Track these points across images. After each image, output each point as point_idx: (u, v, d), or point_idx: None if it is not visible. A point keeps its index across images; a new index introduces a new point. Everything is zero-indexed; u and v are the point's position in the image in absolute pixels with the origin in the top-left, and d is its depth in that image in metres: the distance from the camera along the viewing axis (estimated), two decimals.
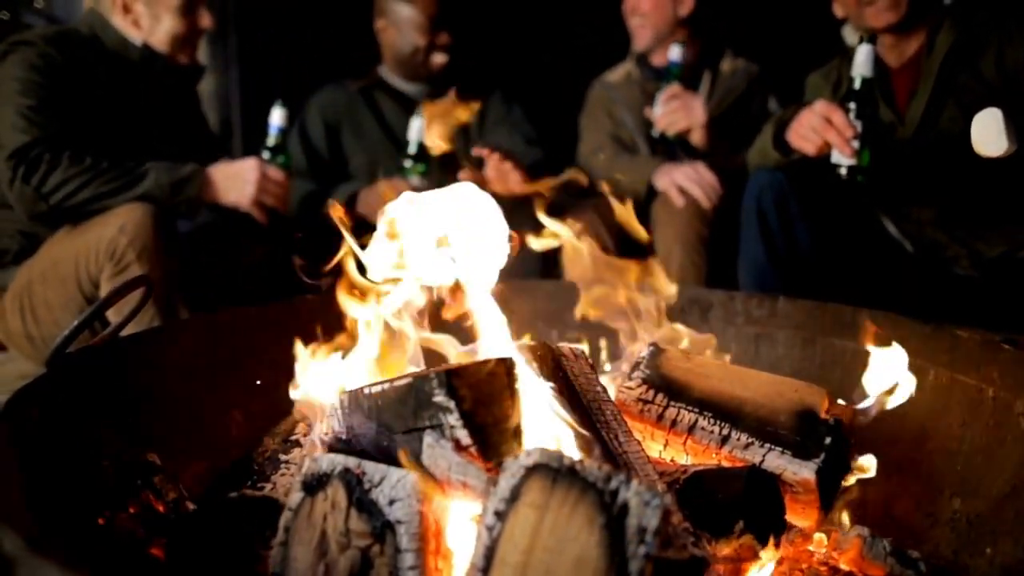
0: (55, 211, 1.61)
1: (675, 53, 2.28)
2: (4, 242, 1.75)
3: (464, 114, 1.16)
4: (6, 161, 1.57)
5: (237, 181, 1.76)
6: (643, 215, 2.24)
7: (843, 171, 1.61)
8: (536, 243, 1.12)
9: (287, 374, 1.12)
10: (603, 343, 1.42)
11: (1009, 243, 1.80)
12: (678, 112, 2.23)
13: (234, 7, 2.88)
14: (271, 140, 1.95)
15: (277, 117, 1.96)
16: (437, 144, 1.19)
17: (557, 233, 1.12)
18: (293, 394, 0.96)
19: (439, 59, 2.39)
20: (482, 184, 2.18)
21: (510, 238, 0.91)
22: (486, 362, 0.78)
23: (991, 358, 1.02)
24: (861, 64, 1.62)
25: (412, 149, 2.16)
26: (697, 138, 2.27)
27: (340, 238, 0.90)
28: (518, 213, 2.19)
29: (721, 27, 2.53)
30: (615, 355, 1.29)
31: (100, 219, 1.57)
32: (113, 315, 1.23)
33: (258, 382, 1.15)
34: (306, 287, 1.02)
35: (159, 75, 1.85)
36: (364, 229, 0.91)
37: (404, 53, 2.41)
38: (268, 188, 1.79)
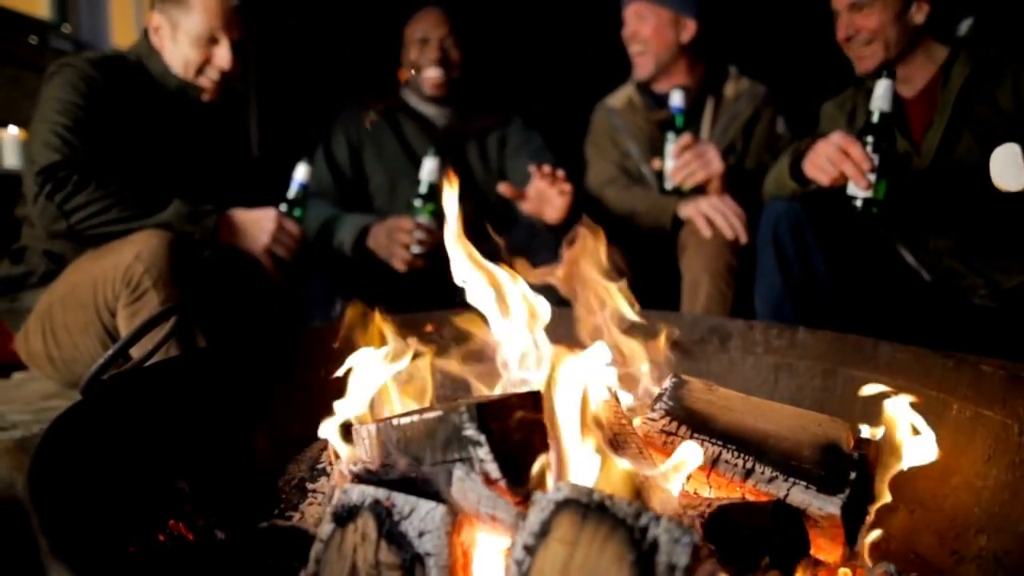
0: (73, 231, 1.64)
1: (677, 99, 2.15)
2: (32, 262, 1.78)
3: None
4: (34, 177, 1.62)
5: (254, 228, 1.82)
6: (670, 244, 2.24)
7: (858, 203, 1.63)
8: None
9: (312, 400, 1.13)
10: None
11: None
12: (693, 164, 2.12)
13: (255, 43, 2.93)
14: (291, 193, 1.98)
15: (301, 173, 1.99)
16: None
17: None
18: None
19: (429, 74, 2.43)
20: (518, 200, 2.19)
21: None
22: (516, 396, 0.79)
23: (1017, 393, 1.02)
24: (880, 98, 1.64)
25: (423, 189, 2.12)
26: (715, 188, 2.16)
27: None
28: (544, 237, 2.19)
29: (725, 49, 2.43)
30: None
31: (117, 245, 1.60)
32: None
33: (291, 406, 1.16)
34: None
35: (194, 106, 1.90)
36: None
37: (407, 71, 2.50)
38: (282, 240, 1.85)
